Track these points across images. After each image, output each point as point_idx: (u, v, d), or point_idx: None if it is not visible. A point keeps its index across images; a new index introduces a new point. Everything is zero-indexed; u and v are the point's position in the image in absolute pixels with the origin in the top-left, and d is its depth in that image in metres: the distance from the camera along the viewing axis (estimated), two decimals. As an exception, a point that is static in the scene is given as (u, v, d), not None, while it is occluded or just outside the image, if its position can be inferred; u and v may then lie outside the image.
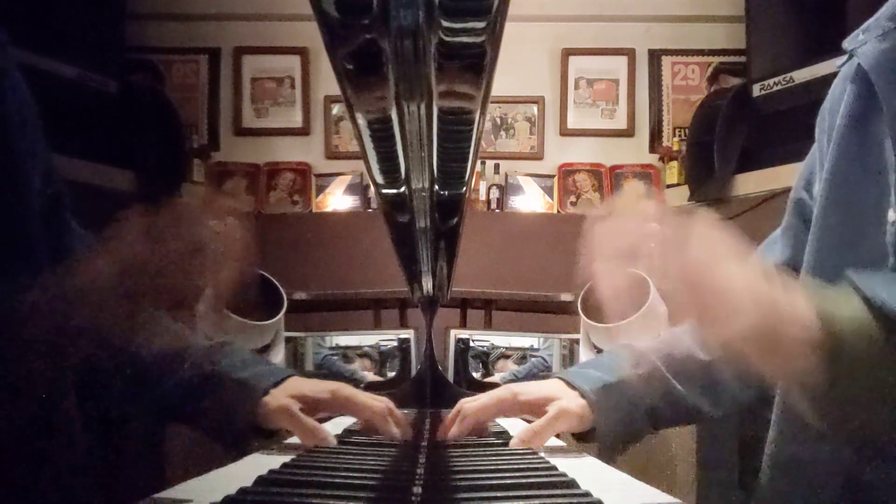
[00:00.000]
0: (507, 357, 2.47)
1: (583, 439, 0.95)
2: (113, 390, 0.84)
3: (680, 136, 3.37)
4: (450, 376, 2.30)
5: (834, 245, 0.73)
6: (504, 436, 0.97)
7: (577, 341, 2.37)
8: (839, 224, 0.73)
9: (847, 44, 0.81)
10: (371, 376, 2.37)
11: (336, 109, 3.47)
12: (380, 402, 0.93)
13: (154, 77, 3.31)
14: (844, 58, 0.82)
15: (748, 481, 2.04)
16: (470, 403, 0.96)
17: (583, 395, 0.91)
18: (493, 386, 2.35)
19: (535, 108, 3.50)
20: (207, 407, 0.86)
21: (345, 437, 0.95)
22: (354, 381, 2.27)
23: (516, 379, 2.34)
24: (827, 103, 0.84)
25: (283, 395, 0.89)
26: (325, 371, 2.41)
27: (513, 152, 3.49)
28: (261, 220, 3.32)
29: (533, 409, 0.94)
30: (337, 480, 0.57)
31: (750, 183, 3.02)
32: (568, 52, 3.49)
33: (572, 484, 0.56)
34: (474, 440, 0.94)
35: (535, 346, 2.52)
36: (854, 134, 0.74)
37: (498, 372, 2.45)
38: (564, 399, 0.92)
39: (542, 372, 2.46)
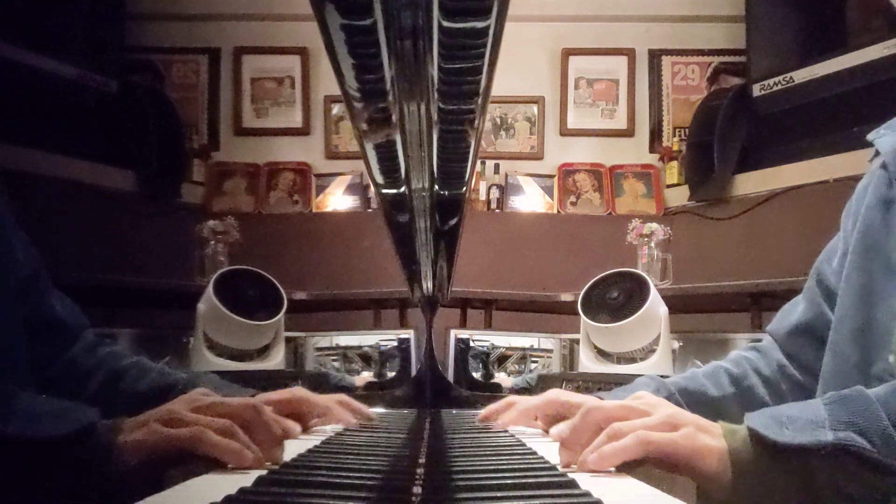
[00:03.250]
0: (508, 357, 2.47)
1: None
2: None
3: (680, 136, 3.37)
4: (450, 376, 2.30)
5: (861, 302, 0.86)
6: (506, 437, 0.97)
7: (577, 341, 2.37)
8: (866, 285, 0.85)
9: (871, 136, 0.92)
10: (361, 377, 2.37)
11: (336, 109, 3.47)
12: (334, 397, 1.00)
13: (154, 77, 3.31)
14: (873, 150, 0.93)
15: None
16: (522, 399, 1.02)
17: None
18: (497, 387, 2.36)
19: (535, 108, 3.51)
20: None
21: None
22: (343, 388, 2.27)
23: (528, 385, 2.34)
24: (855, 193, 0.95)
25: None
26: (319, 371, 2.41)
27: (513, 152, 3.49)
28: (261, 220, 3.32)
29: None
30: (337, 480, 0.57)
31: (750, 183, 3.02)
32: (568, 52, 3.50)
33: (572, 484, 0.56)
34: (474, 440, 0.94)
35: (535, 346, 2.52)
36: (879, 213, 0.86)
37: (510, 375, 2.45)
38: None
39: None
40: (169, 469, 0.68)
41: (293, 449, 0.74)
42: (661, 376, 1.09)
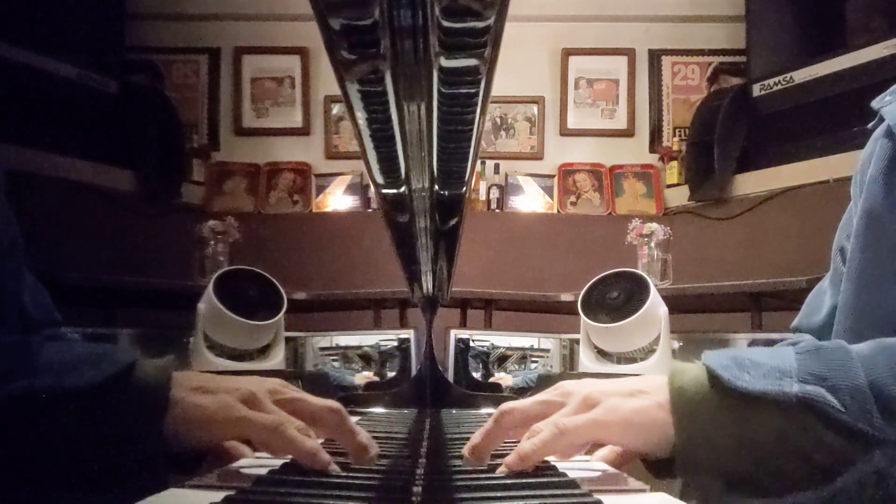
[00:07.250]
0: (508, 357, 2.47)
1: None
2: None
3: (680, 136, 3.37)
4: (450, 376, 2.30)
5: (864, 286, 0.76)
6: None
7: (577, 341, 2.37)
8: (869, 267, 0.76)
9: (875, 103, 0.85)
10: (361, 376, 2.37)
11: (336, 109, 3.47)
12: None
13: (154, 77, 3.31)
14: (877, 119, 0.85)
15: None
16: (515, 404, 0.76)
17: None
18: (497, 387, 2.36)
19: (535, 108, 3.51)
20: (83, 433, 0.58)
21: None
22: (342, 387, 2.27)
23: (529, 385, 2.33)
24: (859, 164, 0.86)
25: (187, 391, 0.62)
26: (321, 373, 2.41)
27: (513, 152, 3.49)
28: (261, 220, 3.32)
29: None
30: (337, 480, 0.57)
31: (750, 183, 3.02)
32: (568, 52, 3.50)
33: (572, 484, 0.56)
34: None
35: (535, 346, 2.52)
36: (882, 186, 0.77)
37: (508, 373, 2.44)
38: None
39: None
40: (202, 461, 0.61)
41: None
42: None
